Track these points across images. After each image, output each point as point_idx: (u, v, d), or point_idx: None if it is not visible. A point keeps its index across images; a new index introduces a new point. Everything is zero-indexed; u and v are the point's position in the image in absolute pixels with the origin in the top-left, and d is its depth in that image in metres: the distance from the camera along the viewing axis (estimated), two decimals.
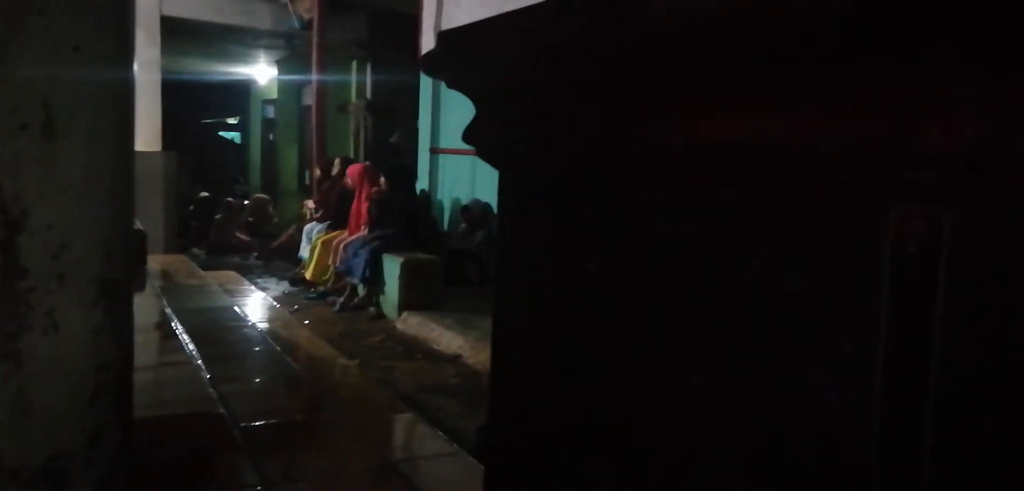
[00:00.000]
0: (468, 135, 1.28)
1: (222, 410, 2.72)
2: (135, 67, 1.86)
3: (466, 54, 1.23)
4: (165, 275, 5.95)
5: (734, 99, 0.80)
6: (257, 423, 2.71)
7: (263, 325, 4.54)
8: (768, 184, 0.79)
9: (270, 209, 10.08)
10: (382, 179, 6.40)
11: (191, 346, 3.68)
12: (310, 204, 7.74)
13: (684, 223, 0.89)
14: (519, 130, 1.16)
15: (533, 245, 1.18)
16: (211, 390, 2.96)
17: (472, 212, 6.63)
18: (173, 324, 4.15)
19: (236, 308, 4.96)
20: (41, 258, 1.59)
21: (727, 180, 0.84)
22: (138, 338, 1.98)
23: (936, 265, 0.67)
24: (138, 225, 2.31)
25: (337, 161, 7.56)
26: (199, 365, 3.32)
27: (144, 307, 3.81)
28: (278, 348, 3.90)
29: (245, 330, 4.39)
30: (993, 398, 0.69)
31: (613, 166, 0.99)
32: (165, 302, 4.70)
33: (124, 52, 1.76)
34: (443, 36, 1.30)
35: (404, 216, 6.14)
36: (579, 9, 1.03)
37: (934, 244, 0.67)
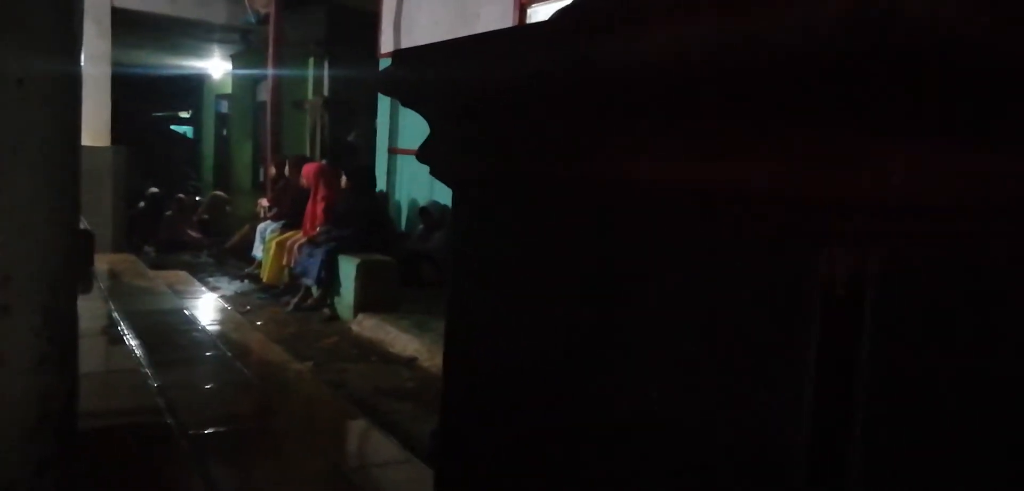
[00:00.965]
0: (423, 154, 1.29)
1: (170, 420, 2.68)
2: (83, 60, 1.82)
3: (422, 75, 1.24)
4: (113, 276, 5.79)
5: (677, 141, 0.83)
6: (206, 431, 2.66)
7: (214, 328, 4.47)
8: (707, 221, 0.82)
9: (227, 209, 9.90)
10: (344, 179, 6.34)
11: (139, 351, 3.60)
12: (264, 202, 7.63)
13: (632, 251, 0.91)
14: (473, 152, 1.18)
15: (484, 260, 1.19)
16: (159, 399, 2.90)
17: (430, 214, 6.62)
18: (120, 328, 4.06)
19: (186, 311, 4.86)
20: None
21: (669, 216, 0.87)
22: (83, 344, 1.94)
23: (861, 306, 0.70)
24: (85, 224, 2.26)
25: (287, 161, 7.47)
26: (147, 373, 3.25)
27: (90, 310, 3.70)
28: (229, 353, 3.84)
29: (195, 334, 4.31)
30: (912, 428, 0.73)
31: (562, 194, 1.01)
32: (112, 305, 4.58)
33: (72, 79, 1.73)
34: (399, 55, 1.31)
35: (364, 218, 6.10)
36: (533, 42, 1.05)
37: (859, 286, 0.70)
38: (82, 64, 1.83)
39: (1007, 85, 0.68)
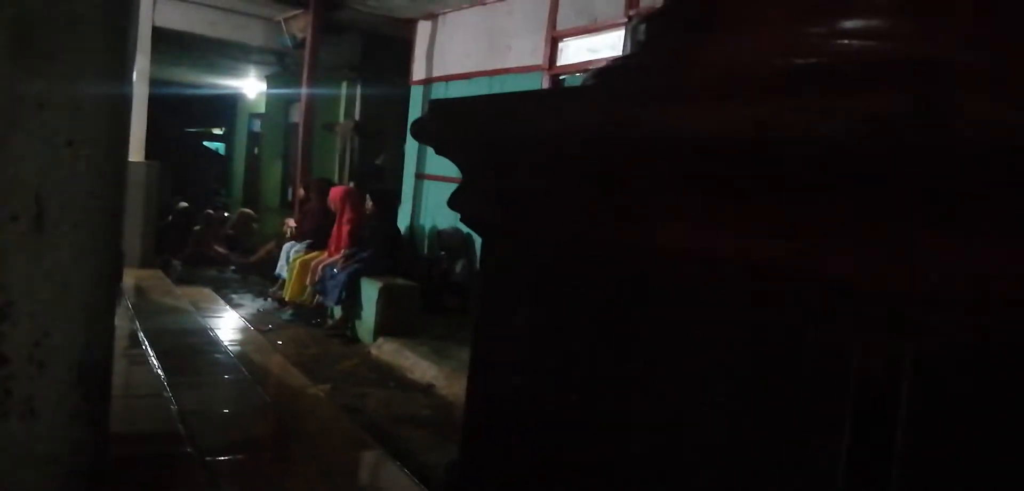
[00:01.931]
0: (453, 201, 1.30)
1: (189, 449, 2.70)
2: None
3: (456, 127, 1.25)
4: (139, 292, 5.86)
5: (711, 215, 0.82)
6: (223, 458, 2.68)
7: (235, 349, 4.49)
8: (736, 299, 0.81)
9: (254, 226, 10.02)
10: (369, 202, 6.40)
11: (160, 372, 3.64)
12: (291, 222, 7.73)
13: (663, 316, 0.90)
14: (502, 203, 1.18)
15: (511, 305, 1.20)
16: (180, 425, 2.92)
17: (446, 238, 6.65)
18: (144, 348, 4.10)
19: (210, 331, 4.90)
20: (23, 345, 1.60)
21: (697, 289, 0.86)
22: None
23: (897, 395, 0.69)
24: None
25: (311, 185, 7.56)
26: (169, 396, 3.28)
27: (116, 329, 3.74)
28: (249, 375, 3.86)
29: (217, 354, 4.34)
30: None
31: (591, 251, 1.01)
32: (138, 324, 4.63)
33: (121, 139, 1.77)
34: (434, 106, 1.32)
35: (386, 241, 6.15)
36: (564, 106, 1.05)
37: (896, 375, 0.69)
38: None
39: None
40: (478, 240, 1.33)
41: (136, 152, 7.07)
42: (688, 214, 0.85)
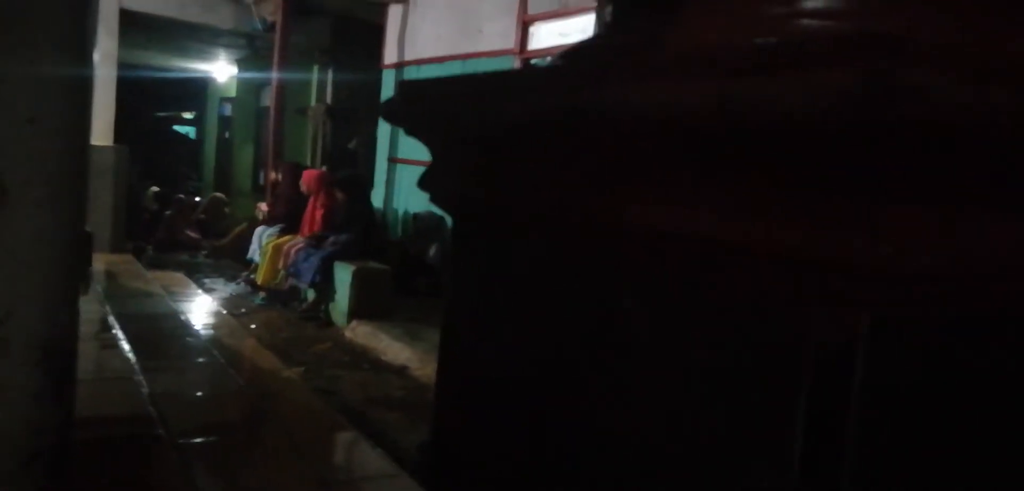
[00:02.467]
0: (424, 182, 1.31)
1: (161, 431, 2.68)
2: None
3: (426, 108, 1.25)
4: (110, 277, 5.77)
5: (670, 193, 0.84)
6: (195, 441, 2.67)
7: (208, 333, 4.45)
8: (700, 274, 0.83)
9: (225, 210, 9.95)
10: (338, 192, 6.38)
11: (132, 357, 3.59)
12: (263, 207, 7.66)
13: (625, 293, 0.92)
14: (472, 183, 1.19)
15: (481, 285, 1.21)
16: (151, 408, 2.90)
17: (420, 222, 6.66)
18: (115, 331, 4.05)
19: (181, 315, 4.85)
20: None
21: (662, 265, 0.88)
22: (78, 348, 1.94)
23: (852, 365, 0.71)
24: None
25: (282, 169, 7.50)
26: (140, 380, 3.25)
27: (87, 313, 3.67)
28: (222, 359, 3.83)
29: (189, 339, 4.30)
30: (899, 482, 0.74)
31: (558, 229, 1.02)
32: (108, 308, 4.57)
33: (83, 117, 1.74)
34: (404, 86, 1.32)
35: (358, 224, 6.13)
36: (534, 86, 1.06)
37: (851, 346, 0.71)
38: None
39: (998, 155, 0.69)
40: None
41: (105, 136, 6.93)
42: (651, 192, 0.86)
